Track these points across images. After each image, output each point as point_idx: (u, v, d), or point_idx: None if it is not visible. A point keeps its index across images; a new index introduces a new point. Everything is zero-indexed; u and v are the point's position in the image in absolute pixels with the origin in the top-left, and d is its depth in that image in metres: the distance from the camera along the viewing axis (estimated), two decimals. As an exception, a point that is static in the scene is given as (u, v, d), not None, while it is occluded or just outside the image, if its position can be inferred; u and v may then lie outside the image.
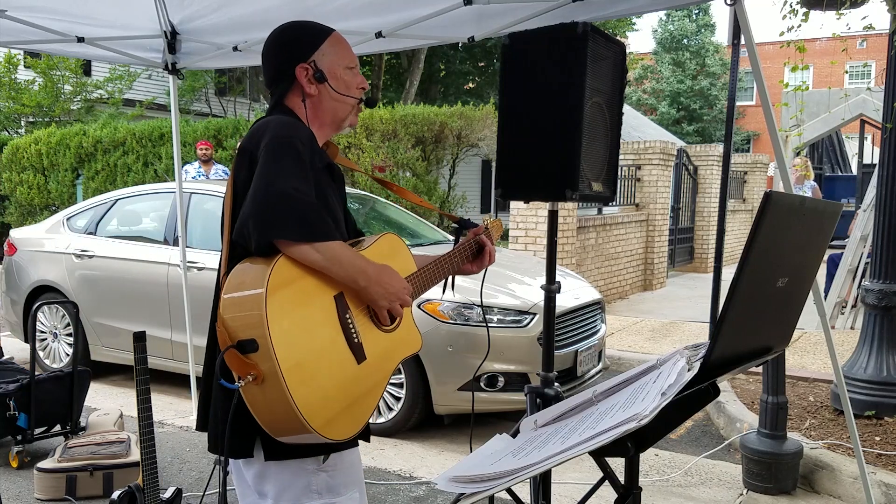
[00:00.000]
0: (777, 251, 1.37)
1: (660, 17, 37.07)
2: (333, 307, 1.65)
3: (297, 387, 1.51)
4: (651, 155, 10.48)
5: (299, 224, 1.57)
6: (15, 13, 3.71)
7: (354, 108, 1.89)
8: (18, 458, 3.94)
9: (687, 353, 1.38)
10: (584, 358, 4.69)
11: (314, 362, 1.58)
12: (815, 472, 3.79)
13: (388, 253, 1.88)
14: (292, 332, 1.55)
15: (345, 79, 1.86)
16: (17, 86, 16.50)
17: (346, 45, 1.92)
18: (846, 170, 16.04)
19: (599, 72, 2.44)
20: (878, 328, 4.38)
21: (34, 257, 5.94)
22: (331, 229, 1.64)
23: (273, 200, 1.57)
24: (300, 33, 1.91)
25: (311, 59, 1.84)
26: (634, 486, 1.45)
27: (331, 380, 1.60)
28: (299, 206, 1.58)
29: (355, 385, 1.65)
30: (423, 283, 1.94)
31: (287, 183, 1.59)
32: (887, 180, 4.29)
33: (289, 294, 1.58)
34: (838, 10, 4.47)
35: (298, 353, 1.55)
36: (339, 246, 1.64)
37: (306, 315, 1.60)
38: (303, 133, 1.72)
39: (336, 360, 1.62)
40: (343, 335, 1.65)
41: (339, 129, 1.93)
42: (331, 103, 1.85)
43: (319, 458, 1.73)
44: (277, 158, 1.62)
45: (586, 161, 2.42)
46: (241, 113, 21.16)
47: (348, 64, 1.88)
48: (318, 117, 1.86)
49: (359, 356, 1.67)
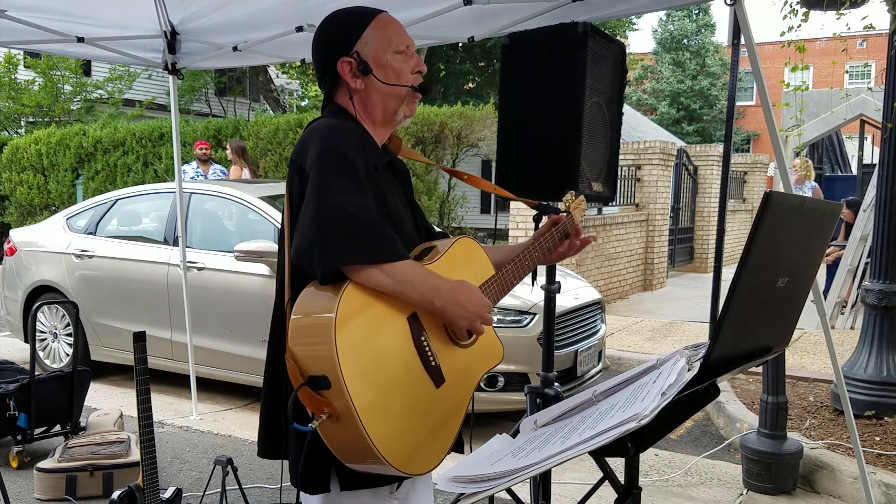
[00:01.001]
0: (777, 251, 1.37)
1: (660, 17, 37.08)
2: (408, 330, 1.54)
3: (374, 424, 1.42)
4: (651, 155, 10.48)
5: (363, 247, 1.45)
6: (15, 13, 3.71)
7: (408, 96, 1.71)
8: (18, 458, 3.94)
9: (687, 353, 1.38)
10: (584, 358, 4.69)
11: (390, 395, 1.48)
12: (815, 472, 3.79)
13: (462, 260, 1.74)
14: (365, 366, 1.45)
15: (394, 66, 1.69)
16: (17, 86, 16.51)
17: (396, 25, 1.73)
18: (846, 170, 16.02)
19: (599, 72, 2.44)
20: (878, 328, 4.38)
21: (34, 257, 5.94)
22: (398, 247, 1.50)
23: (332, 224, 1.45)
24: (340, 23, 1.73)
25: (354, 51, 1.68)
26: (634, 486, 1.45)
27: (409, 411, 1.51)
28: (361, 226, 1.46)
29: (435, 412, 1.56)
30: (503, 286, 1.79)
31: (344, 201, 1.47)
32: (887, 180, 4.29)
33: (359, 324, 1.47)
34: (838, 10, 4.47)
35: (373, 387, 1.45)
36: (409, 266, 1.52)
37: (379, 345, 1.49)
38: (351, 137, 1.60)
39: (414, 389, 1.53)
40: (419, 360, 1.54)
41: (396, 123, 1.75)
42: (380, 96, 1.69)
43: (393, 485, 1.66)
44: (329, 173, 1.50)
45: (586, 161, 2.42)
46: (241, 113, 21.16)
47: (396, 48, 1.70)
48: (369, 113, 1.71)
49: (437, 380, 1.56)
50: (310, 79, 23.76)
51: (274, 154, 9.89)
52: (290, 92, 24.74)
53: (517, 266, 1.84)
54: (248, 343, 4.89)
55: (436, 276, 1.57)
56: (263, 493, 3.70)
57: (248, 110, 22.27)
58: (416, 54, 1.73)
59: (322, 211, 1.46)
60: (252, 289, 4.86)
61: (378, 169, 1.64)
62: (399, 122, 1.74)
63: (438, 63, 21.05)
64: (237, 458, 3.98)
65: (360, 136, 1.63)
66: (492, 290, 1.76)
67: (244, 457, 4.18)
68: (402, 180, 1.79)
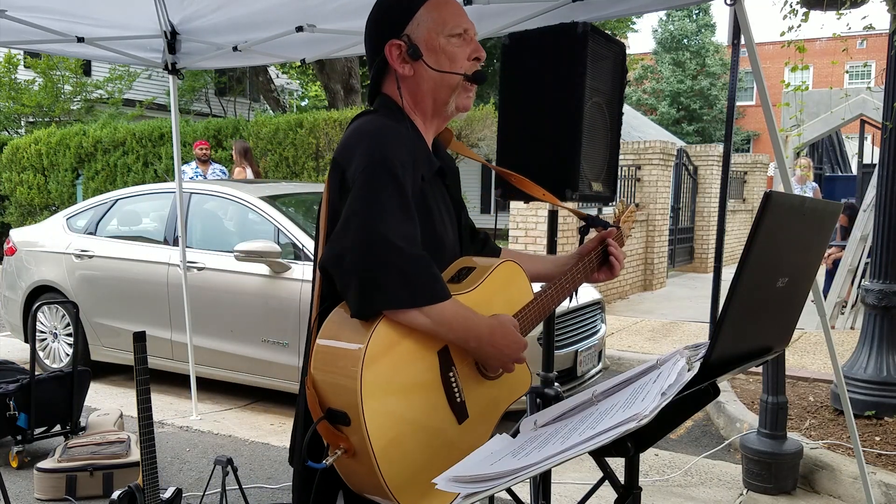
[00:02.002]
0: (777, 251, 1.37)
1: (660, 17, 37.09)
2: (437, 366, 1.48)
3: (390, 466, 1.39)
4: (651, 155, 10.48)
5: (406, 288, 1.36)
6: (15, 13, 3.71)
7: (460, 86, 1.55)
8: (18, 458, 3.94)
9: (687, 353, 1.38)
10: (584, 358, 4.69)
11: (410, 436, 1.44)
12: (815, 472, 3.79)
13: (501, 285, 1.65)
14: (389, 405, 1.40)
15: (447, 50, 1.52)
16: (17, 86, 16.52)
17: (453, 8, 1.56)
18: (846, 170, 16.02)
19: (599, 72, 2.44)
20: (878, 328, 4.38)
21: (34, 257, 5.94)
22: (441, 288, 1.42)
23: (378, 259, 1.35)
24: (391, 2, 1.58)
25: (404, 34, 1.54)
26: (634, 486, 1.45)
27: (427, 451, 1.46)
28: (406, 263, 1.36)
29: (454, 449, 1.52)
30: (540, 313, 1.70)
31: (390, 231, 1.36)
32: (887, 180, 4.29)
33: (388, 362, 1.40)
34: (838, 10, 4.47)
35: (394, 428, 1.41)
36: (449, 307, 1.43)
37: (406, 382, 1.44)
38: (402, 149, 1.46)
39: (436, 427, 1.49)
40: (445, 396, 1.49)
41: (447, 116, 1.60)
42: (430, 84, 1.54)
43: None
44: (378, 193, 1.39)
45: (586, 161, 2.42)
46: (241, 113, 21.17)
47: (451, 31, 1.53)
48: (419, 104, 1.57)
49: (460, 416, 1.52)
50: (310, 79, 23.77)
51: (274, 154, 9.89)
52: (290, 92, 24.74)
53: (557, 290, 1.75)
54: (248, 343, 4.90)
55: (473, 316, 1.48)
56: (263, 493, 3.70)
57: (248, 110, 22.28)
58: (474, 39, 1.57)
59: (368, 240, 1.36)
60: (252, 289, 4.86)
61: (425, 179, 1.53)
62: (451, 115, 1.60)
63: (438, 63, 21.03)
64: (237, 458, 3.98)
65: (411, 146, 1.50)
66: (528, 317, 1.68)
67: (244, 457, 4.18)
68: (452, 182, 1.69)
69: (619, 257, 1.86)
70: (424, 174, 1.52)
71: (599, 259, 1.86)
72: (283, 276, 4.76)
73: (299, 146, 9.71)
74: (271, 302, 4.79)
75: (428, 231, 1.51)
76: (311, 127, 9.63)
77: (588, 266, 1.83)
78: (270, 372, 4.86)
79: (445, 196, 1.63)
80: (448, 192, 1.66)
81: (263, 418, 4.92)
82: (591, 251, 1.84)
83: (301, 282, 4.69)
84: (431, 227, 1.53)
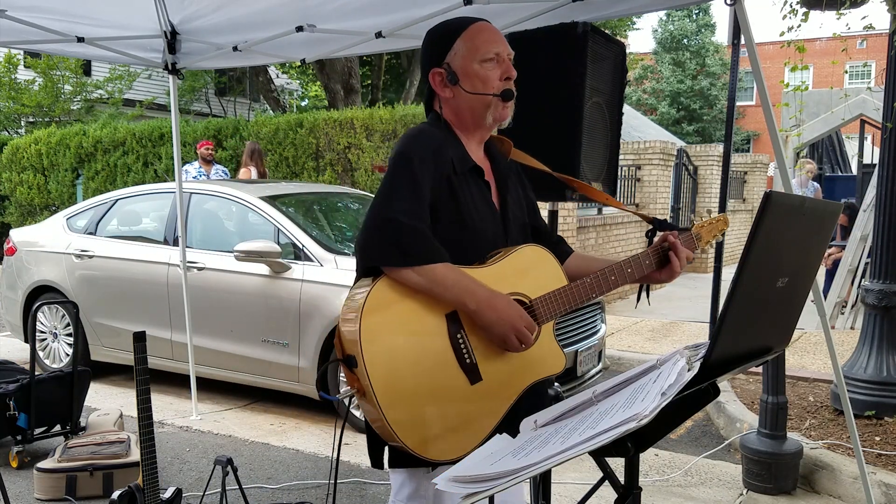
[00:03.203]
0: (777, 251, 1.37)
1: (660, 17, 37.09)
2: (444, 326, 1.64)
3: (390, 406, 1.56)
4: (651, 155, 10.48)
5: (397, 250, 1.60)
6: (15, 13, 3.71)
7: (494, 102, 1.77)
8: (18, 458, 3.94)
9: (687, 353, 1.38)
10: (584, 358, 4.69)
11: (412, 382, 1.59)
12: (815, 472, 3.79)
13: (521, 266, 1.76)
14: (389, 352, 1.58)
15: (480, 74, 1.76)
16: (17, 86, 16.51)
17: (487, 33, 1.81)
18: (846, 170, 16.02)
19: (599, 72, 2.45)
20: (878, 328, 4.37)
21: (34, 257, 5.94)
22: (433, 252, 1.62)
23: (377, 226, 1.62)
24: (435, 35, 1.84)
25: (445, 62, 1.79)
26: (634, 486, 1.45)
27: (433, 400, 1.60)
28: (401, 231, 1.61)
29: (466, 406, 1.62)
30: (570, 299, 1.76)
31: (393, 207, 1.62)
32: (887, 180, 4.29)
33: (388, 315, 1.60)
34: (838, 10, 4.46)
35: (395, 373, 1.57)
36: (442, 268, 1.62)
37: (409, 335, 1.61)
38: (427, 145, 1.72)
39: (443, 381, 1.61)
40: (454, 355, 1.63)
41: (488, 127, 1.82)
42: (467, 104, 1.78)
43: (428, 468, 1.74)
44: (391, 178, 1.68)
45: (586, 161, 2.43)
46: (241, 113, 21.17)
47: (483, 56, 1.77)
48: (460, 120, 1.81)
49: (472, 377, 1.64)
50: (310, 79, 23.77)
51: (274, 154, 9.89)
52: (290, 92, 24.73)
53: (596, 280, 1.79)
54: (248, 343, 4.90)
55: (472, 281, 1.65)
56: (263, 493, 3.70)
57: (248, 110, 22.27)
58: (507, 60, 1.79)
59: (374, 215, 1.64)
60: (252, 289, 4.86)
61: (458, 173, 1.74)
62: (490, 126, 1.82)
63: (438, 63, 21.03)
64: (237, 458, 3.98)
65: (438, 144, 1.74)
66: (554, 303, 1.75)
67: (244, 457, 4.18)
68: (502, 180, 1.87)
69: (679, 255, 1.86)
70: (458, 169, 1.75)
71: (658, 257, 1.87)
72: (283, 276, 4.76)
73: (299, 146, 9.71)
74: (271, 302, 4.79)
75: (452, 213, 1.73)
76: (311, 127, 9.62)
77: (641, 263, 1.85)
78: (270, 372, 4.86)
79: (483, 190, 1.82)
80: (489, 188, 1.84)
81: (263, 418, 4.92)
82: (646, 252, 1.88)
83: (301, 282, 4.69)
84: (457, 211, 1.74)
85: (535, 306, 1.75)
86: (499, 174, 1.89)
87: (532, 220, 1.97)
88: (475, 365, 1.65)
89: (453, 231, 1.72)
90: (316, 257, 4.74)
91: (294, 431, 4.65)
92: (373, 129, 9.22)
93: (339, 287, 4.50)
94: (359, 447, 4.26)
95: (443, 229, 1.71)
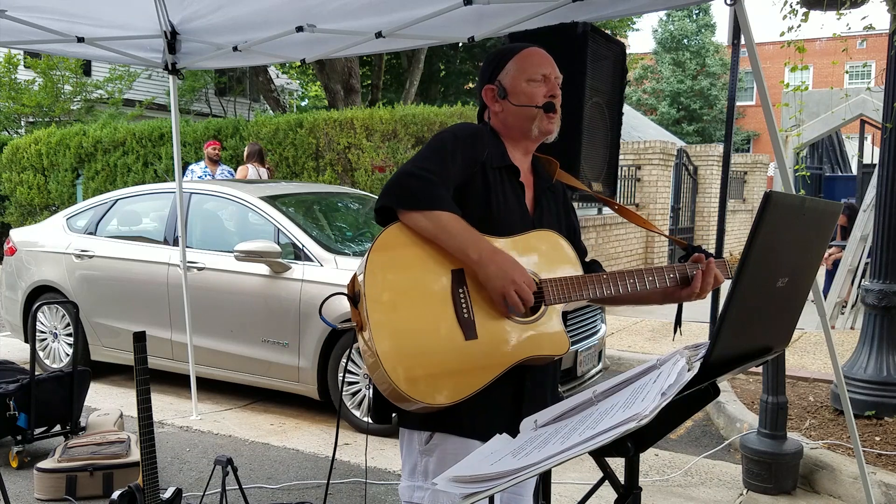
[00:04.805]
0: (777, 251, 1.37)
1: (660, 17, 37.08)
2: (448, 278, 1.71)
3: (383, 339, 1.62)
4: (651, 155, 10.48)
5: (407, 193, 1.71)
6: (15, 13, 3.71)
7: (539, 115, 1.91)
8: (18, 458, 3.94)
9: (687, 353, 1.38)
10: (584, 358, 4.69)
11: (407, 322, 1.65)
12: (815, 472, 3.79)
13: (538, 247, 1.84)
14: (389, 289, 1.66)
15: (526, 91, 1.92)
16: (17, 86, 16.50)
17: (536, 57, 1.96)
18: (846, 170, 16.02)
19: (599, 72, 2.45)
20: (878, 328, 4.37)
21: (34, 257, 5.94)
22: (442, 200, 1.72)
23: (395, 179, 1.75)
24: (491, 57, 2.02)
25: (497, 80, 1.95)
26: (634, 486, 1.45)
27: (424, 343, 1.65)
28: (415, 179, 1.73)
29: (456, 357, 1.67)
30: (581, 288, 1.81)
31: (414, 164, 1.76)
32: (887, 180, 4.29)
33: (395, 255, 1.69)
34: (838, 10, 4.46)
35: (391, 309, 1.64)
36: (450, 217, 1.71)
37: (411, 279, 1.68)
38: (467, 128, 1.89)
39: (437, 329, 1.66)
40: (452, 307, 1.69)
41: (534, 138, 1.95)
42: (513, 116, 1.92)
43: (423, 439, 1.82)
44: (427, 148, 1.82)
45: (586, 161, 2.43)
46: (241, 113, 21.16)
47: (530, 77, 1.93)
48: (507, 130, 1.95)
49: (468, 332, 1.69)
50: (310, 79, 23.77)
51: (274, 154, 9.88)
52: (290, 92, 24.72)
53: (612, 278, 1.83)
54: (248, 343, 4.90)
55: (479, 236, 1.74)
56: (263, 493, 3.70)
57: (248, 110, 22.27)
58: (553, 81, 1.95)
59: (395, 173, 1.76)
60: (252, 289, 4.86)
61: (494, 167, 1.87)
62: (536, 137, 1.95)
63: (438, 63, 21.05)
64: (237, 458, 3.98)
65: (481, 133, 1.90)
66: (564, 287, 1.80)
67: (244, 457, 4.18)
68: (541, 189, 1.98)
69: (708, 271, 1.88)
70: (494, 162, 1.88)
71: (683, 274, 1.89)
72: (283, 276, 4.76)
73: (299, 146, 9.71)
74: (271, 302, 4.79)
75: (482, 203, 1.84)
76: (311, 127, 9.62)
77: (665, 275, 1.87)
78: (270, 372, 4.86)
79: (516, 188, 1.92)
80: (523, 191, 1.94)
81: (263, 418, 4.92)
82: (671, 267, 1.90)
83: (301, 282, 4.69)
84: (486, 202, 1.84)
85: (545, 286, 1.79)
86: (538, 187, 1.99)
87: (570, 239, 1.99)
88: (472, 321, 1.70)
89: (477, 214, 1.81)
90: (316, 257, 4.74)
91: (294, 431, 4.65)
92: (373, 129, 9.22)
93: (339, 287, 4.49)
94: (358, 447, 4.26)
95: (470, 212, 1.79)
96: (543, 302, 1.78)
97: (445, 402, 1.65)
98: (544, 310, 1.79)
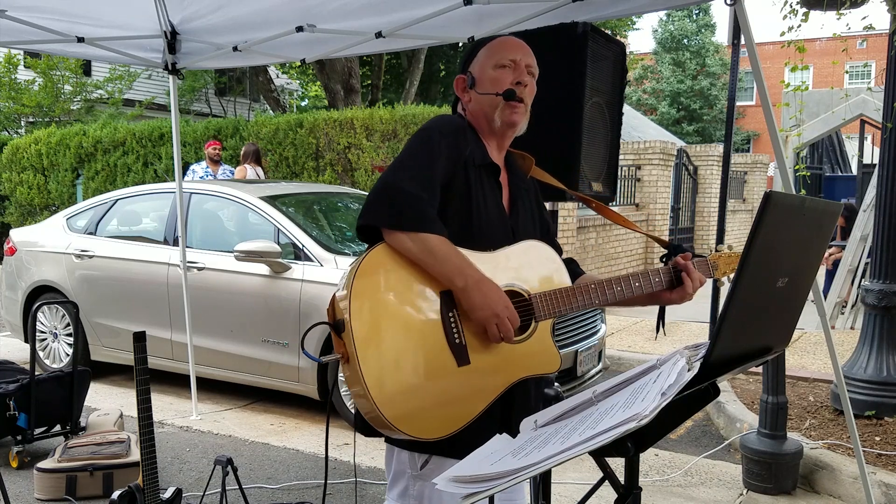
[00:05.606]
0: (777, 251, 1.37)
1: (660, 17, 37.08)
2: (437, 302, 1.63)
3: (372, 373, 1.53)
4: (651, 155, 10.48)
5: (392, 210, 1.62)
6: (15, 13, 3.71)
7: (500, 104, 1.81)
8: (18, 458, 3.94)
9: (687, 353, 1.38)
10: (584, 358, 4.69)
11: (397, 352, 1.56)
12: (815, 472, 3.79)
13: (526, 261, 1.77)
14: (376, 317, 1.56)
15: (491, 76, 1.83)
16: (17, 86, 16.50)
17: (507, 44, 1.87)
18: (846, 170, 16.02)
19: (599, 72, 2.45)
20: (878, 328, 4.37)
21: (34, 257, 5.94)
22: (429, 221, 1.62)
23: (378, 190, 1.65)
24: (467, 49, 1.96)
25: (468, 70, 1.89)
26: (634, 486, 1.45)
27: (416, 373, 1.57)
28: (400, 194, 1.63)
29: (450, 386, 1.60)
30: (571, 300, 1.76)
31: (399, 175, 1.66)
32: (887, 180, 4.29)
33: (381, 280, 1.59)
34: (838, 10, 4.46)
35: (379, 339, 1.55)
36: (437, 240, 1.62)
37: (399, 305, 1.58)
38: (449, 123, 1.79)
39: (428, 357, 1.59)
40: (443, 333, 1.62)
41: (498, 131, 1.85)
42: (479, 105, 1.85)
43: (417, 464, 1.74)
44: (407, 149, 1.73)
45: (586, 161, 2.43)
46: (241, 113, 21.16)
47: (498, 62, 1.83)
48: (476, 121, 1.87)
49: (460, 358, 1.62)
50: (310, 79, 23.77)
51: (274, 154, 9.88)
52: (290, 92, 24.73)
53: (601, 287, 1.79)
54: (248, 343, 4.90)
55: (466, 261, 1.64)
56: (263, 493, 3.70)
57: (248, 110, 22.27)
58: (522, 67, 1.83)
59: (380, 180, 1.67)
60: (252, 289, 4.86)
61: (475, 165, 1.79)
62: (499, 129, 1.84)
63: (438, 63, 21.05)
64: (237, 458, 3.98)
65: (463, 128, 1.81)
66: (554, 301, 1.75)
67: (244, 457, 4.18)
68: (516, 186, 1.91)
69: (691, 275, 1.85)
70: (476, 160, 1.79)
71: (668, 277, 1.86)
72: (283, 276, 4.76)
73: (299, 146, 9.71)
74: (271, 302, 4.79)
75: (464, 204, 1.76)
76: (311, 127, 9.62)
77: (651, 279, 1.83)
78: (270, 372, 4.86)
79: (494, 189, 1.84)
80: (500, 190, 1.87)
81: (263, 418, 4.92)
82: (657, 269, 1.87)
83: (301, 282, 4.69)
84: (468, 204, 1.77)
85: (534, 301, 1.74)
86: (514, 186, 1.91)
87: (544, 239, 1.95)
88: (464, 347, 1.63)
89: (460, 216, 1.74)
90: (316, 257, 4.74)
91: (294, 431, 4.65)
92: (373, 129, 9.22)
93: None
94: (358, 447, 4.26)
95: (452, 214, 1.73)
96: (534, 318, 1.73)
97: (438, 435, 1.59)
98: (535, 326, 1.74)
